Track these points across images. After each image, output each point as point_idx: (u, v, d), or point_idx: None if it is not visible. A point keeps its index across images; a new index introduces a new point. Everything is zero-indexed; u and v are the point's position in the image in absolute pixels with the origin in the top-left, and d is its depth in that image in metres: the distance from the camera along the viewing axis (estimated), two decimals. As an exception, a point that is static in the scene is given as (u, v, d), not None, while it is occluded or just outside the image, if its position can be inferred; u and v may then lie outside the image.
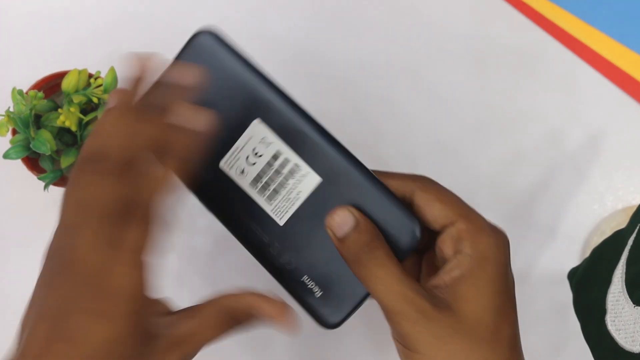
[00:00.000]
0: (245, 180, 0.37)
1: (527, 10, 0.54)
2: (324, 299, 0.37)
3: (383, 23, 0.54)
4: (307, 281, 0.37)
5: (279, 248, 0.37)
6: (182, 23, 0.53)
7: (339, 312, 0.36)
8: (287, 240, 0.37)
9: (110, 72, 0.43)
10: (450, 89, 0.53)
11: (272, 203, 0.37)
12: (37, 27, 0.53)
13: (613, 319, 0.34)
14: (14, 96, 0.42)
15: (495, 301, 0.32)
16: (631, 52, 0.53)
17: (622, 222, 0.51)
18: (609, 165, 0.53)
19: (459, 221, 0.32)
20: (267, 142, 0.37)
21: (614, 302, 0.35)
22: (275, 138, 0.36)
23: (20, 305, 0.53)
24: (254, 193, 0.37)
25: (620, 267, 0.35)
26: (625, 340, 0.33)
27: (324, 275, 0.37)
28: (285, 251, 0.37)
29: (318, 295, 0.37)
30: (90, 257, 0.29)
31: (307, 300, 0.37)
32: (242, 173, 0.37)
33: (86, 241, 0.29)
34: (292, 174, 0.36)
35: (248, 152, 0.37)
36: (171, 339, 0.32)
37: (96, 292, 0.29)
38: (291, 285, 0.37)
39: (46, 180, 0.44)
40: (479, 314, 0.32)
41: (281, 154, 0.37)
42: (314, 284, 0.37)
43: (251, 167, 0.37)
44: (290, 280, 0.37)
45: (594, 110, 0.53)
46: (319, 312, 0.37)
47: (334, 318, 0.36)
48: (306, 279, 0.37)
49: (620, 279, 0.35)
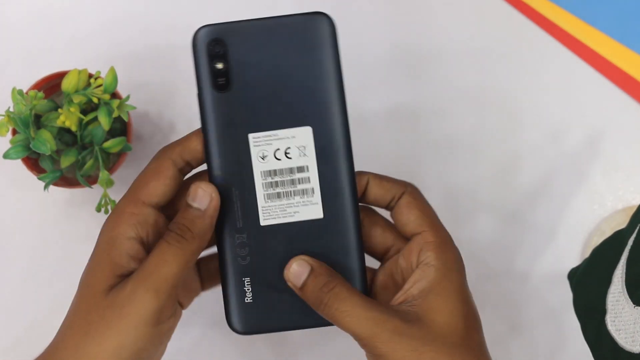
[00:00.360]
0: (261, 166, 0.36)
1: (527, 10, 0.54)
2: (249, 307, 0.37)
3: (382, 21, 0.54)
4: (246, 283, 0.37)
5: (244, 240, 0.37)
6: (182, 23, 0.53)
7: (251, 326, 0.37)
8: (255, 240, 0.37)
9: (110, 72, 0.43)
10: (449, 89, 0.53)
11: (267, 202, 0.37)
12: (37, 27, 0.53)
13: (613, 319, 0.34)
14: (14, 96, 0.42)
15: (463, 309, 0.34)
16: (631, 52, 0.53)
17: (622, 222, 0.51)
18: (609, 165, 0.53)
19: (429, 232, 0.35)
20: (303, 152, 0.36)
21: (614, 302, 0.35)
22: (312, 154, 0.36)
23: (20, 304, 0.53)
24: (259, 182, 0.37)
25: (620, 267, 0.35)
26: (625, 340, 0.33)
27: (265, 291, 0.37)
28: (247, 247, 0.37)
29: (246, 301, 0.37)
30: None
31: (234, 297, 0.37)
32: (263, 158, 0.36)
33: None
34: (303, 194, 0.36)
35: (281, 146, 0.36)
36: (134, 279, 0.35)
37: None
38: (230, 276, 0.37)
39: (46, 180, 0.44)
40: (450, 321, 0.33)
41: (307, 171, 0.36)
42: (251, 290, 0.37)
43: (274, 160, 0.36)
44: (233, 271, 0.37)
45: (594, 110, 0.53)
46: (235, 313, 0.37)
47: (243, 326, 0.37)
48: (247, 281, 0.37)
49: (620, 279, 0.35)
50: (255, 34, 0.36)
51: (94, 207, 0.45)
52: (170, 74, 0.52)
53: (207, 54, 0.36)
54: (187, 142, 0.37)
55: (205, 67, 0.36)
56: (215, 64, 0.36)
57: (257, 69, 0.36)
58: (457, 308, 0.33)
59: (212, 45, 0.36)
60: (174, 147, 0.37)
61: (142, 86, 0.51)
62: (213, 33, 0.36)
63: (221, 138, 0.36)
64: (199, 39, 0.36)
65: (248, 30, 0.36)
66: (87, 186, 0.44)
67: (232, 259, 0.36)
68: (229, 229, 0.37)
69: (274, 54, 0.35)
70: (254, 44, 0.36)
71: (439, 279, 0.34)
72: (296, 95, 0.36)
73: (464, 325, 0.33)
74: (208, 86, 0.36)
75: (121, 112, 0.44)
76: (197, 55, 0.37)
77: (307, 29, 0.36)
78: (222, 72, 0.36)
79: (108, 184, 0.44)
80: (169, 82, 0.52)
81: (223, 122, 0.36)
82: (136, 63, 0.52)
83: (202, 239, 0.36)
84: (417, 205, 0.36)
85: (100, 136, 0.44)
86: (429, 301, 0.33)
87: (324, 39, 0.36)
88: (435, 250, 0.34)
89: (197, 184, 0.36)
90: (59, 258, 0.51)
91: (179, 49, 0.53)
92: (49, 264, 0.51)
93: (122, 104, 0.44)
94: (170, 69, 0.52)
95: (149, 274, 0.35)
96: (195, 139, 0.37)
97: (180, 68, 0.52)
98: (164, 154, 0.37)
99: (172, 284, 0.35)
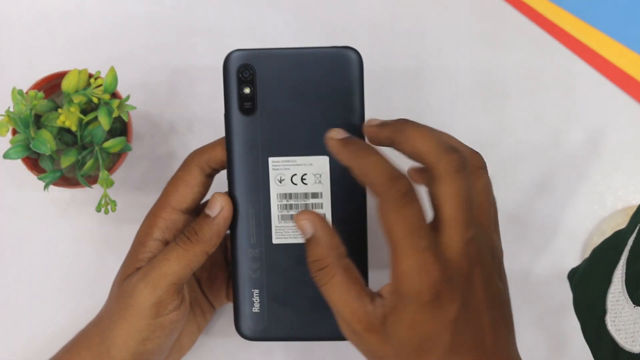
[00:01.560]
0: (278, 188, 0.38)
1: (527, 10, 0.54)
2: (256, 316, 0.39)
3: (382, 20, 0.54)
4: (255, 294, 0.39)
5: (256, 255, 0.39)
6: (182, 23, 0.53)
7: (257, 333, 0.39)
8: (267, 256, 0.39)
9: (110, 72, 0.43)
10: (448, 89, 0.53)
11: (281, 222, 0.39)
12: (37, 27, 0.53)
13: (613, 319, 0.34)
14: (14, 96, 0.42)
15: (412, 340, 0.33)
16: (631, 52, 0.53)
17: (622, 222, 0.51)
18: (609, 165, 0.53)
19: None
20: (319, 180, 0.38)
21: (614, 302, 0.35)
22: (327, 182, 0.38)
23: (20, 304, 0.53)
24: (275, 203, 0.39)
25: (620, 267, 0.35)
26: (625, 340, 0.33)
27: (272, 303, 0.39)
28: (258, 262, 0.39)
29: (254, 310, 0.39)
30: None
31: (243, 306, 0.39)
32: (280, 182, 0.38)
33: None
34: None
35: (298, 171, 0.38)
36: (140, 272, 0.39)
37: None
38: (241, 286, 0.39)
39: (46, 180, 0.44)
40: (400, 348, 0.33)
41: (321, 197, 0.38)
42: (259, 301, 0.39)
43: (291, 184, 0.38)
44: (244, 282, 0.39)
45: (594, 110, 0.53)
46: (243, 320, 0.39)
47: (249, 333, 0.39)
48: (255, 293, 0.39)
49: (620, 279, 0.35)
50: (284, 62, 0.37)
51: (94, 207, 0.45)
52: (171, 74, 0.52)
53: (236, 78, 0.38)
54: (214, 152, 0.39)
55: (233, 90, 0.38)
56: (243, 88, 0.38)
57: (283, 96, 0.37)
58: (407, 338, 0.33)
59: (242, 70, 0.38)
60: (201, 154, 0.40)
61: (142, 86, 0.51)
62: (243, 58, 0.38)
63: (243, 158, 0.38)
64: (230, 63, 0.38)
65: (277, 59, 0.37)
66: (87, 186, 0.44)
67: (244, 271, 0.39)
68: (244, 243, 0.39)
69: (300, 83, 0.37)
70: (282, 72, 0.37)
71: (394, 307, 0.33)
72: (317, 125, 0.37)
73: (414, 354, 0.33)
74: (235, 109, 0.38)
75: (121, 112, 0.44)
76: (227, 78, 0.38)
77: (336, 62, 0.37)
78: (249, 97, 0.38)
79: (108, 184, 0.44)
80: (169, 82, 0.52)
81: (246, 143, 0.38)
82: (136, 63, 0.52)
83: (206, 244, 0.38)
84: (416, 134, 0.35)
85: (100, 136, 0.44)
86: (390, 315, 0.33)
87: (351, 73, 0.37)
88: (392, 279, 0.33)
89: (215, 194, 0.39)
90: (58, 258, 0.51)
91: (179, 49, 0.53)
92: (49, 263, 0.51)
93: (122, 104, 0.44)
94: (170, 70, 0.52)
95: (150, 270, 0.38)
96: (221, 149, 0.39)
97: (180, 68, 0.53)
98: (192, 162, 0.40)
99: (171, 281, 0.38)
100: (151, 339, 0.39)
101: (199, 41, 0.53)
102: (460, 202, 0.33)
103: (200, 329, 0.46)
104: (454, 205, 0.33)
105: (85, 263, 0.51)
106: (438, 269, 0.32)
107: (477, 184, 0.35)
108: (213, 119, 0.51)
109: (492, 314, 0.34)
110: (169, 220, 0.40)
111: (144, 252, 0.40)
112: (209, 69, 0.52)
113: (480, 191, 0.36)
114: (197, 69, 0.52)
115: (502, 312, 0.35)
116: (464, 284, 0.33)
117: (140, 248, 0.40)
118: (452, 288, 0.32)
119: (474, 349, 0.33)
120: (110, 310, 0.40)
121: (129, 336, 0.38)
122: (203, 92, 0.52)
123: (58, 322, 0.50)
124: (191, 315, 0.44)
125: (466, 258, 0.33)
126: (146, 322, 0.38)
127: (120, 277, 0.40)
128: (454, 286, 0.32)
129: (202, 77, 0.52)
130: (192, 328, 0.45)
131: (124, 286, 0.39)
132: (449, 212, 0.33)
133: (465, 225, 0.33)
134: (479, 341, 0.33)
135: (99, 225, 0.51)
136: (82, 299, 0.49)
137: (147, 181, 0.51)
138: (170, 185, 0.41)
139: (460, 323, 0.33)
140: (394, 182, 0.33)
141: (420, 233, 0.32)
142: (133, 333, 0.38)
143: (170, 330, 0.39)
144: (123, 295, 0.39)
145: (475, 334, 0.33)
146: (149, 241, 0.40)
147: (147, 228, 0.40)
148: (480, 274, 0.33)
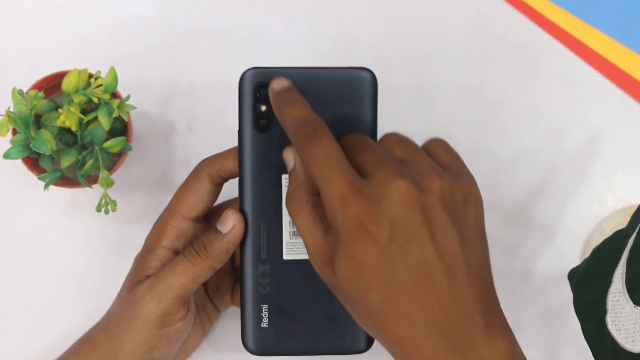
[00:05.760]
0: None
1: (527, 10, 0.54)
2: (264, 331, 0.39)
3: (382, 20, 0.54)
4: (264, 310, 0.39)
5: (266, 271, 0.39)
6: (182, 23, 0.53)
7: (264, 348, 0.39)
8: (277, 272, 0.39)
9: (110, 72, 0.43)
10: (449, 89, 0.53)
11: (292, 238, 0.39)
12: (37, 27, 0.53)
13: (613, 319, 0.34)
14: (14, 96, 0.42)
15: (353, 275, 0.33)
16: (631, 52, 0.53)
17: (622, 222, 0.51)
18: (609, 165, 0.53)
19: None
20: None
21: (614, 302, 0.35)
22: None
23: (20, 305, 0.53)
24: (286, 220, 0.39)
25: (620, 267, 0.35)
26: (625, 340, 0.33)
27: (280, 318, 0.39)
28: (268, 277, 0.39)
29: (262, 325, 0.39)
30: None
31: (251, 321, 0.39)
32: None
33: None
34: None
35: None
36: (147, 283, 0.39)
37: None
38: (250, 301, 0.39)
39: (46, 180, 0.44)
40: (345, 283, 0.33)
41: None
42: (268, 316, 0.39)
43: None
44: (254, 298, 0.39)
45: (594, 110, 0.53)
46: (251, 335, 0.39)
47: (256, 348, 0.39)
48: (264, 308, 0.39)
49: (620, 279, 0.35)
50: (300, 81, 0.37)
51: (94, 207, 0.45)
52: (170, 74, 0.52)
53: (252, 96, 0.38)
54: (225, 162, 0.40)
55: (249, 108, 0.38)
56: (260, 106, 0.38)
57: None
58: (345, 270, 0.33)
59: (258, 87, 0.38)
60: (212, 164, 0.40)
61: (142, 86, 0.51)
62: (260, 76, 0.38)
63: (256, 175, 0.38)
64: (246, 80, 0.38)
65: (294, 77, 0.37)
66: (87, 186, 0.44)
67: (254, 286, 0.39)
68: (254, 258, 0.39)
69: (314, 102, 0.37)
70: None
71: (336, 241, 0.33)
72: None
73: (356, 288, 0.33)
74: (249, 126, 0.38)
75: (121, 112, 0.44)
76: (242, 95, 0.38)
77: (351, 82, 0.38)
78: (265, 114, 0.38)
79: (108, 184, 0.44)
80: (169, 82, 0.52)
81: (260, 160, 0.38)
82: (136, 63, 0.52)
83: (215, 260, 0.39)
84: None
85: (100, 136, 0.44)
86: (334, 249, 0.33)
87: (365, 93, 0.38)
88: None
89: (228, 211, 0.39)
90: (59, 258, 0.51)
91: (179, 49, 0.53)
92: (49, 263, 0.51)
93: (122, 104, 0.44)
94: (170, 69, 0.52)
95: (157, 281, 0.39)
96: (232, 160, 0.39)
97: (180, 68, 0.52)
98: (203, 170, 0.40)
99: (177, 294, 0.38)
100: (158, 347, 0.39)
101: (199, 41, 0.53)
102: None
103: (205, 331, 0.46)
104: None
105: (85, 263, 0.51)
106: (354, 196, 0.32)
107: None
108: (213, 119, 0.51)
109: (443, 249, 0.32)
110: (177, 229, 0.40)
111: (153, 259, 0.40)
112: (209, 69, 0.52)
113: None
114: (197, 69, 0.52)
115: (464, 252, 0.33)
116: (393, 211, 0.31)
117: (149, 255, 0.40)
118: (377, 214, 0.31)
119: (421, 284, 0.32)
120: (118, 316, 0.40)
121: (136, 345, 0.39)
122: (203, 92, 0.52)
123: (57, 322, 0.50)
124: (197, 319, 0.44)
125: (396, 190, 0.32)
126: (152, 332, 0.39)
127: (129, 284, 0.41)
128: (380, 212, 0.31)
129: (202, 77, 0.52)
130: (197, 331, 0.45)
131: (131, 295, 0.40)
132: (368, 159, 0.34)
133: (393, 163, 0.33)
134: (424, 274, 0.32)
135: (99, 225, 0.51)
136: (82, 299, 0.49)
137: (147, 181, 0.51)
138: (180, 192, 0.41)
139: (393, 252, 0.32)
140: (302, 125, 0.34)
141: (330, 166, 0.33)
142: (140, 342, 0.39)
143: (177, 338, 0.40)
144: (130, 304, 0.39)
145: (419, 265, 0.32)
146: (158, 249, 0.40)
147: (156, 235, 0.41)
148: (422, 207, 0.32)
